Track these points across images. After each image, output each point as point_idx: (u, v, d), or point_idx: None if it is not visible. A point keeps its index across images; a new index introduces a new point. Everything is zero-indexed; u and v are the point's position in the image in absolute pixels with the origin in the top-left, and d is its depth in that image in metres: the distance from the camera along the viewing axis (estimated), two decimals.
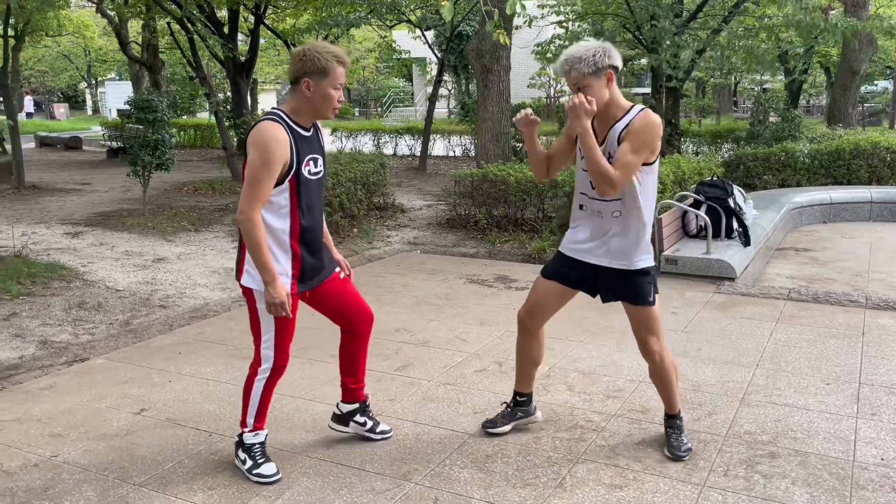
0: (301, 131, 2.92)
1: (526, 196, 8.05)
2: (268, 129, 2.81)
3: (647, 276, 3.08)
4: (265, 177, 2.80)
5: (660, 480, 3.03)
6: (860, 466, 3.12)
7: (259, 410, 3.10)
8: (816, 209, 9.65)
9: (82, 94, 50.88)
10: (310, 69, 2.85)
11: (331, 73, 2.85)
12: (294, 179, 2.89)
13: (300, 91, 2.88)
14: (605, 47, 2.93)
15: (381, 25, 19.21)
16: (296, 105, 2.92)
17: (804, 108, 36.64)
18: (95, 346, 4.81)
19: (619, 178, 2.90)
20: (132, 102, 9.66)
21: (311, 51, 2.85)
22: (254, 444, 3.12)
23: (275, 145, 2.79)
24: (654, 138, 2.93)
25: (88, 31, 30.27)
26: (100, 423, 3.64)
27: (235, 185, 12.50)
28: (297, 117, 2.92)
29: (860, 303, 5.48)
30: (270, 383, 3.08)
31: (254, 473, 3.07)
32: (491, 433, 3.42)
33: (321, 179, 3.06)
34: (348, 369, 3.34)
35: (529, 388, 3.47)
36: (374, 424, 3.43)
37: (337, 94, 2.91)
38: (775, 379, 4.09)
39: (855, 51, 15.36)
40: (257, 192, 2.80)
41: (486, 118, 10.93)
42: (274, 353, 3.04)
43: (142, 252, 7.60)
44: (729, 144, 14.55)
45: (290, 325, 3.03)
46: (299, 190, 2.91)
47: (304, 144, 2.92)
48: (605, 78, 2.93)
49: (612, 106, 2.99)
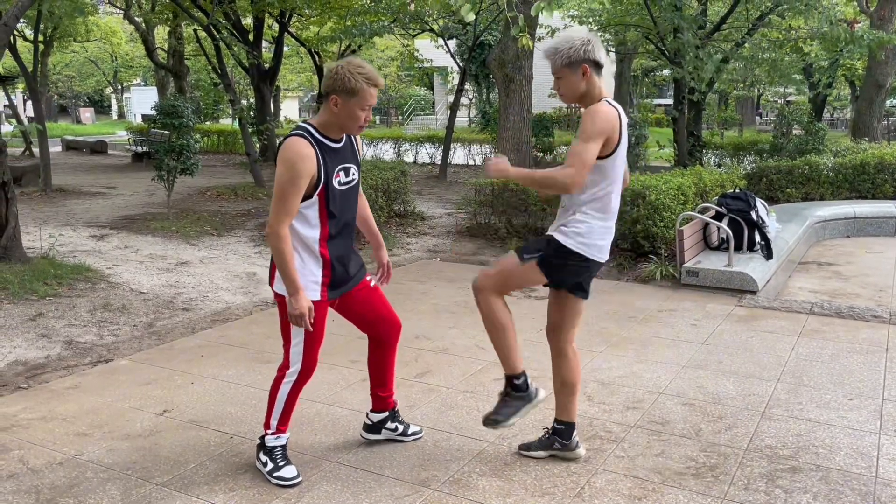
0: (330, 143, 2.97)
1: (547, 205, 8.05)
2: (294, 146, 2.86)
3: (547, 243, 3.04)
4: (291, 192, 2.85)
5: (679, 492, 3.01)
6: (883, 483, 3.09)
7: (283, 413, 3.14)
8: (840, 223, 9.55)
9: (108, 98, 51.62)
10: (339, 87, 2.88)
11: (359, 94, 2.88)
12: (323, 192, 2.94)
13: (329, 106, 2.93)
14: (586, 41, 2.95)
15: (403, 34, 19.33)
16: (325, 119, 2.97)
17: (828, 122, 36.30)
18: (119, 348, 4.88)
19: (573, 171, 2.84)
20: (158, 108, 9.81)
21: (343, 69, 2.88)
22: (275, 448, 3.16)
23: (301, 162, 2.83)
24: (595, 124, 2.85)
25: (115, 37, 30.77)
26: (123, 424, 3.69)
27: (258, 191, 12.63)
28: (325, 130, 2.97)
29: (884, 318, 5.42)
30: (297, 386, 3.13)
31: (274, 476, 3.10)
32: (524, 455, 3.34)
33: (354, 188, 3.10)
34: (378, 379, 3.40)
35: (567, 416, 3.24)
36: (406, 428, 3.49)
37: (364, 115, 2.94)
38: (797, 393, 4.05)
39: (881, 63, 15.23)
40: (285, 206, 2.86)
41: (508, 127, 10.96)
42: (302, 357, 3.08)
43: (165, 255, 7.70)
44: (752, 157, 14.47)
45: (319, 331, 3.07)
46: (328, 201, 2.96)
47: (332, 156, 2.97)
48: (580, 71, 2.94)
49: (586, 98, 3.00)
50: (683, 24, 11.36)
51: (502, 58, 10.74)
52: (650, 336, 5.07)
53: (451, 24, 18.41)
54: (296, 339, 3.06)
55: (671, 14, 11.47)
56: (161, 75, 22.69)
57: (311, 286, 2.99)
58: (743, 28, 13.34)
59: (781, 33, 14.29)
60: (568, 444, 3.27)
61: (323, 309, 3.05)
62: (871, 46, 12.18)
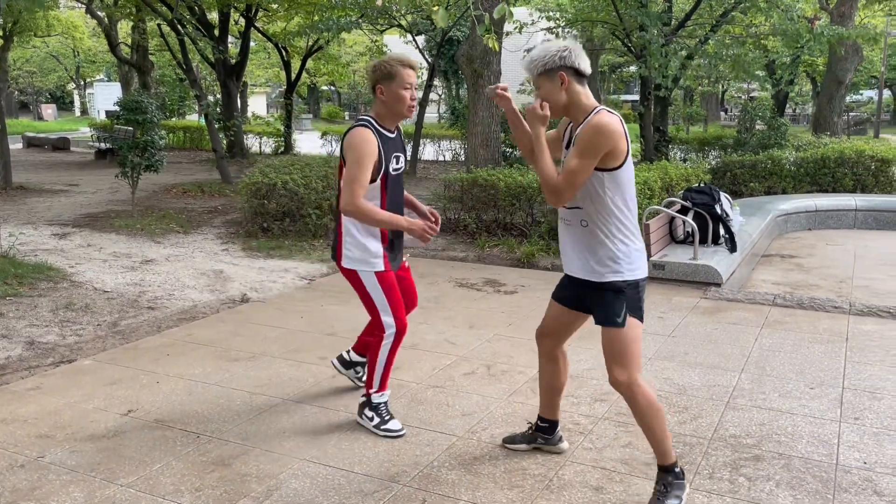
0: (386, 133, 3.35)
1: (515, 201, 8.09)
2: (359, 133, 3.26)
3: (617, 292, 2.80)
4: (360, 173, 3.21)
5: (646, 482, 3.05)
6: (843, 469, 3.16)
7: (384, 373, 3.50)
8: (802, 216, 9.75)
9: (70, 94, 50.62)
10: (379, 76, 3.28)
11: (397, 76, 3.25)
12: (384, 176, 3.33)
13: (377, 97, 3.32)
14: (564, 48, 2.79)
15: (371, 30, 19.24)
16: (378, 110, 3.35)
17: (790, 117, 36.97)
18: (83, 348, 4.80)
19: (562, 186, 2.72)
20: (121, 104, 9.64)
21: (379, 62, 3.32)
22: (380, 403, 3.52)
23: (365, 145, 3.23)
24: (601, 140, 2.68)
25: (77, 31, 30.15)
26: (87, 424, 3.63)
27: (225, 188, 12.49)
28: (381, 121, 3.35)
29: (844, 309, 5.54)
30: (395, 346, 3.47)
31: (382, 429, 3.46)
32: (508, 447, 3.35)
33: (402, 174, 3.48)
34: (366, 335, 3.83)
35: (551, 415, 3.28)
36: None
37: (408, 94, 3.29)
38: (760, 383, 4.13)
39: (840, 60, 15.54)
40: (356, 185, 3.20)
41: (477, 123, 10.98)
42: (393, 318, 3.42)
43: (130, 253, 7.58)
44: (716, 151, 14.69)
45: (397, 293, 3.44)
46: (387, 184, 3.36)
47: (389, 144, 3.35)
48: (557, 80, 2.78)
49: (572, 109, 2.83)
50: (648, 21, 11.48)
51: (471, 54, 10.75)
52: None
53: (419, 20, 18.37)
54: (381, 306, 3.41)
55: (636, 11, 11.59)
56: (125, 71, 22.29)
57: (375, 260, 3.38)
58: (707, 25, 13.53)
59: (744, 30, 14.52)
60: (551, 438, 3.31)
61: (391, 275, 3.43)
62: (830, 42, 12.43)
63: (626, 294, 2.81)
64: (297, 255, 7.64)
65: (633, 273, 2.82)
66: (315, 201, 8.27)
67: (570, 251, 2.93)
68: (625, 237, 2.81)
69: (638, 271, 2.83)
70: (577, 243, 2.88)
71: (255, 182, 8.45)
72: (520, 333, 5.05)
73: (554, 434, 3.31)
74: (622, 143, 2.73)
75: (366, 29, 18.79)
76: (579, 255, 2.88)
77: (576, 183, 2.72)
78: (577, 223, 2.86)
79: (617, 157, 2.74)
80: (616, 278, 2.81)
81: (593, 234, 2.82)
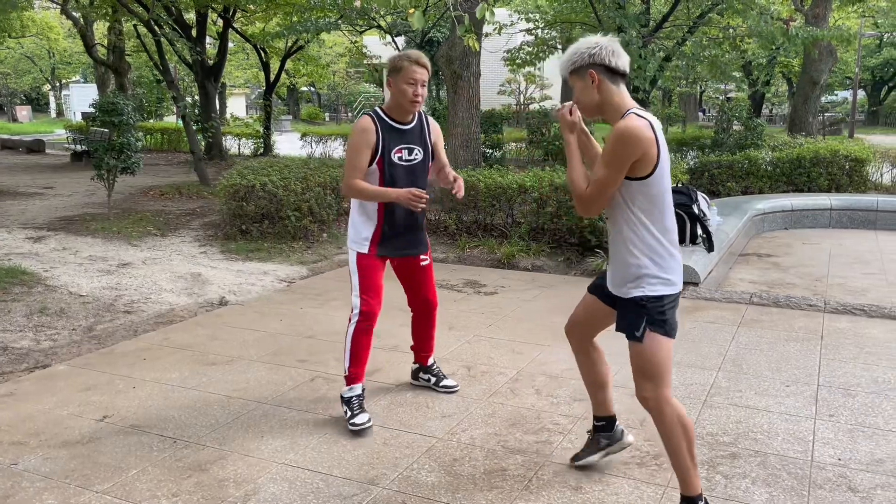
0: (394, 124, 3.57)
1: (495, 202, 8.10)
2: (358, 121, 3.57)
3: (639, 307, 2.66)
4: (354, 155, 3.50)
5: (624, 481, 3.07)
6: (818, 466, 3.20)
7: (352, 356, 3.62)
8: (778, 216, 9.87)
9: (46, 96, 49.98)
10: (390, 70, 3.51)
11: (403, 71, 3.46)
12: (381, 163, 3.53)
13: (389, 90, 3.55)
14: (594, 44, 2.63)
15: (351, 31, 19.19)
16: (389, 102, 3.60)
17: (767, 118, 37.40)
18: (57, 353, 4.73)
19: (589, 197, 2.62)
20: (97, 105, 9.53)
21: (393, 56, 3.53)
22: (351, 398, 3.62)
23: (360, 132, 3.51)
24: (627, 148, 2.51)
25: (53, 32, 29.78)
26: (61, 431, 3.58)
27: (203, 190, 12.38)
28: (391, 112, 3.58)
29: (819, 307, 5.61)
30: (359, 330, 3.60)
31: (349, 423, 3.54)
32: (577, 466, 3.18)
33: (417, 165, 3.65)
34: (418, 342, 4.05)
35: (604, 411, 3.15)
36: (438, 380, 4.03)
37: (412, 89, 3.47)
38: (737, 381, 4.17)
39: (815, 61, 15.74)
40: (351, 167, 3.49)
41: (457, 124, 10.98)
42: (360, 300, 3.60)
43: (106, 257, 7.49)
44: (694, 152, 14.80)
45: (373, 280, 3.61)
46: (385, 172, 3.55)
47: (395, 135, 3.56)
48: (588, 78, 2.63)
49: (606, 109, 2.66)
50: (626, 23, 11.56)
51: (450, 55, 10.76)
52: None
53: (398, 21, 18.35)
54: (353, 286, 3.63)
55: (615, 13, 11.66)
56: (101, 72, 22.05)
57: (362, 241, 3.61)
58: (684, 26, 13.64)
59: (721, 31, 14.66)
60: (613, 435, 3.16)
61: (373, 261, 3.62)
62: (805, 43, 12.59)
63: (648, 309, 2.66)
64: (276, 257, 7.59)
65: (655, 289, 2.65)
66: (294, 203, 8.22)
67: (611, 253, 2.83)
68: (653, 253, 2.65)
69: (660, 287, 2.66)
70: (612, 248, 2.80)
71: (233, 184, 8.39)
72: (500, 334, 5.05)
73: (615, 430, 3.16)
74: (652, 149, 2.53)
75: (345, 30, 18.74)
76: (612, 260, 2.80)
77: (604, 194, 2.60)
78: (614, 232, 2.75)
79: (646, 166, 2.55)
80: (638, 294, 2.67)
81: (622, 244, 2.70)
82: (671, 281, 2.69)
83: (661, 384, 2.67)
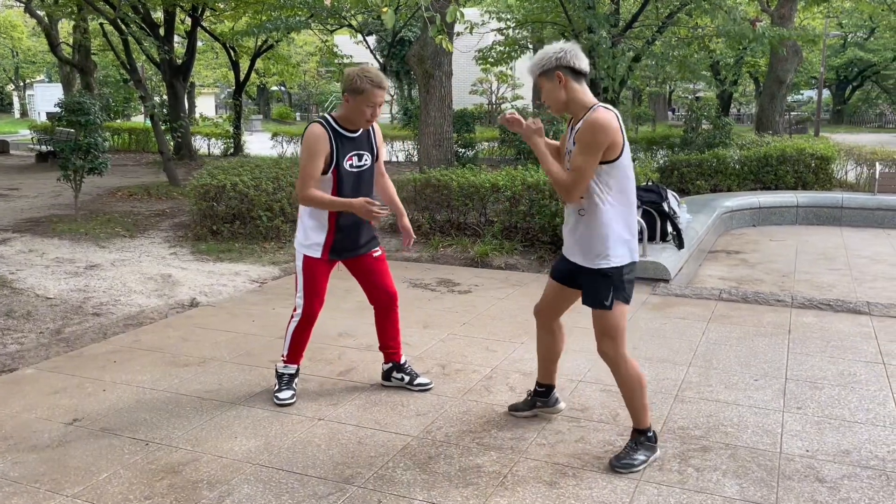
0: (344, 132, 3.62)
1: (468, 201, 8.12)
2: (310, 129, 3.59)
3: (606, 277, 3.06)
4: (309, 164, 3.53)
5: (598, 476, 3.10)
6: (787, 458, 3.26)
7: (291, 346, 3.87)
8: (746, 213, 10.02)
9: (9, 96, 48.96)
10: (349, 88, 3.51)
11: (364, 93, 3.49)
12: (335, 171, 3.59)
13: (344, 103, 3.58)
14: (560, 50, 3.02)
15: (321, 30, 19.08)
16: (342, 113, 3.64)
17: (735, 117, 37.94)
18: (24, 356, 4.65)
19: (572, 184, 2.98)
20: (63, 105, 9.37)
21: (354, 73, 3.51)
22: (283, 374, 3.88)
23: (313, 140, 3.53)
24: (599, 136, 2.92)
25: (16, 31, 29.19)
26: (30, 435, 3.52)
27: (173, 190, 12.23)
28: (343, 122, 3.62)
29: (786, 302, 5.72)
30: (300, 328, 3.83)
31: (275, 395, 3.82)
32: (513, 415, 3.67)
33: (366, 171, 3.72)
34: (383, 339, 4.06)
35: (547, 380, 3.59)
36: (412, 378, 4.03)
37: (370, 111, 3.54)
38: (707, 376, 4.23)
39: (782, 60, 16.01)
40: (306, 174, 3.52)
41: (429, 123, 10.99)
42: (303, 301, 3.78)
43: (74, 259, 7.37)
44: (664, 151, 14.98)
45: (318, 284, 3.77)
46: (339, 180, 3.61)
47: (346, 143, 3.61)
48: (556, 79, 3.01)
49: (572, 105, 3.06)
50: (596, 23, 11.65)
51: (422, 54, 10.76)
52: (570, 326, 5.16)
53: (369, 21, 18.30)
54: (299, 288, 3.78)
55: (585, 13, 11.75)
56: (66, 71, 21.66)
57: (314, 247, 3.70)
58: (654, 26, 13.79)
59: (689, 31, 14.85)
60: (548, 401, 3.62)
61: (323, 266, 3.74)
62: (772, 43, 12.80)
63: (613, 279, 3.07)
64: (247, 257, 7.53)
65: (620, 259, 3.06)
66: (265, 203, 8.17)
67: (569, 236, 3.21)
68: (617, 225, 3.05)
69: (625, 257, 3.07)
70: (574, 230, 3.15)
71: (203, 184, 8.30)
72: (474, 332, 5.07)
73: (550, 397, 3.61)
74: (618, 136, 2.96)
75: (316, 29, 18.63)
76: (576, 241, 3.15)
77: (585, 178, 2.97)
78: (575, 212, 3.12)
79: (614, 151, 2.97)
80: (605, 265, 3.06)
81: (588, 222, 3.07)
82: (629, 254, 3.10)
83: (620, 343, 3.13)
